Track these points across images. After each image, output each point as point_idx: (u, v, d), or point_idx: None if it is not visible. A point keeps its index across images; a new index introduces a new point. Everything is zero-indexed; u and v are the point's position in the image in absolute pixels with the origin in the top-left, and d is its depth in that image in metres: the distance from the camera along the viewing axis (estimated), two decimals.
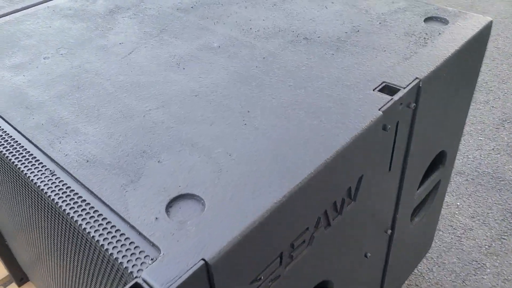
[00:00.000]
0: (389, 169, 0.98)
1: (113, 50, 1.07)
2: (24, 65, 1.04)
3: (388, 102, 0.85)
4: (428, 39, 1.03)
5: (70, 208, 0.68)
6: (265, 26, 1.14)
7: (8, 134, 0.84)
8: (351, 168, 0.82)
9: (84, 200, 0.69)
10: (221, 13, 1.21)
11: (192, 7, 1.25)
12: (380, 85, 0.90)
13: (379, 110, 0.83)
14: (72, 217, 0.67)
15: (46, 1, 1.36)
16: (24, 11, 1.30)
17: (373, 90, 0.89)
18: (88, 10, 1.28)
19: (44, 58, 1.06)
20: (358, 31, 1.09)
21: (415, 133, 1.00)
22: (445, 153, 1.26)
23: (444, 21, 1.10)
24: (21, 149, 0.80)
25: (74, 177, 0.73)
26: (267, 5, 1.24)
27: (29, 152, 0.80)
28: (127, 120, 0.85)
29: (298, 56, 1.01)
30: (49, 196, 0.71)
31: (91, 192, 0.70)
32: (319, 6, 1.21)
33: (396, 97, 0.86)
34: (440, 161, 1.27)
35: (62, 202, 0.69)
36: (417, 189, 1.20)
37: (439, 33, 1.05)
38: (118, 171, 0.74)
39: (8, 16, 1.27)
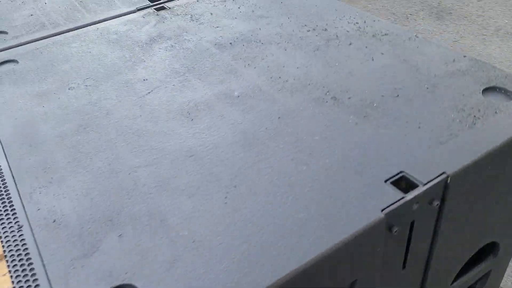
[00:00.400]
0: (403, 268, 0.83)
1: (135, 87, 1.05)
2: (49, 94, 1.05)
3: (397, 201, 0.71)
4: (479, 118, 0.85)
5: (16, 276, 0.66)
6: (296, 75, 1.03)
7: (2, 172, 0.85)
8: (337, 276, 0.70)
9: (32, 269, 0.67)
10: (256, 54, 1.12)
11: (230, 43, 1.18)
12: (396, 175, 0.76)
13: (381, 211, 0.70)
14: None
15: (100, 22, 1.38)
16: (76, 31, 1.33)
17: (385, 181, 0.75)
18: (131, 36, 1.27)
19: (69, 88, 1.06)
20: (398, 95, 0.93)
21: (443, 230, 0.83)
22: (497, 244, 1.05)
23: (508, 95, 0.90)
24: (5, 193, 0.80)
25: (35, 239, 0.71)
26: (309, 49, 1.12)
27: (10, 198, 0.79)
28: (112, 176, 0.81)
29: (316, 120, 0.89)
30: (6, 256, 0.69)
31: (42, 262, 0.67)
32: (365, 57, 1.07)
33: (410, 196, 0.72)
34: (490, 251, 1.07)
35: (13, 266, 0.67)
36: (453, 282, 1.02)
37: (496, 112, 0.86)
38: (77, 239, 0.70)
39: (59, 35, 1.31)
